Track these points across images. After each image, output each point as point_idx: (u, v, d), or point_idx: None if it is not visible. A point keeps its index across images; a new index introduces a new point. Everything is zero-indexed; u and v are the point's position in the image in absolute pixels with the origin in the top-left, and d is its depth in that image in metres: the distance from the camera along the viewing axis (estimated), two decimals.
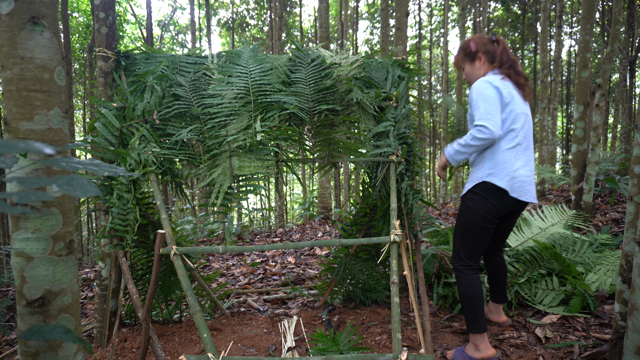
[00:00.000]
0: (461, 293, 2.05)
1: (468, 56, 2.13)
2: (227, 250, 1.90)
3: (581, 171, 4.49)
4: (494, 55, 2.08)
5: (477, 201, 2.00)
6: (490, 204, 1.98)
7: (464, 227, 2.06)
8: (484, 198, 1.98)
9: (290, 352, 2.17)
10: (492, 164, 1.99)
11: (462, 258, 2.07)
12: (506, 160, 1.97)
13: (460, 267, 2.07)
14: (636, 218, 1.64)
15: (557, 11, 10.33)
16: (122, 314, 2.60)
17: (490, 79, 1.99)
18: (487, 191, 1.98)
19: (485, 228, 2.01)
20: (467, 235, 2.04)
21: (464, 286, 2.04)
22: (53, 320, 1.01)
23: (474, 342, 2.03)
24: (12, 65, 0.98)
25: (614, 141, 14.31)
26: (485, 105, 1.92)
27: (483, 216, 1.99)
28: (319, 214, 8.20)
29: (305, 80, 2.46)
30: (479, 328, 2.02)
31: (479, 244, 2.05)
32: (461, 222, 2.07)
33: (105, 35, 2.34)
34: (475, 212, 2.00)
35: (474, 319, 2.02)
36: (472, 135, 1.94)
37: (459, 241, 2.09)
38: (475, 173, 2.05)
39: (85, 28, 12.41)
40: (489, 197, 1.98)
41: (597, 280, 2.70)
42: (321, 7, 7.97)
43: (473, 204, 2.01)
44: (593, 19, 4.37)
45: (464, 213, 2.05)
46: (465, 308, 2.04)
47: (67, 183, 0.66)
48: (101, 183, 2.23)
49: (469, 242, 2.05)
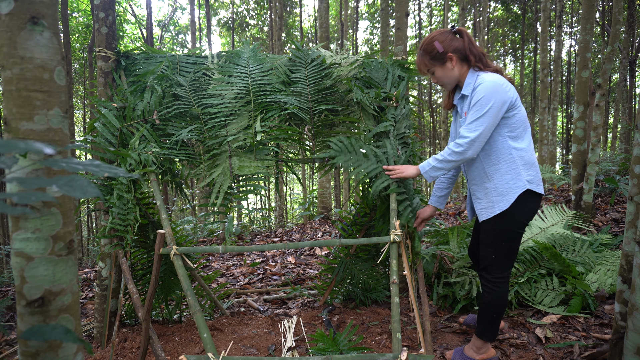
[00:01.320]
0: (491, 303, 1.94)
1: (436, 59, 1.92)
2: (227, 250, 1.90)
3: (581, 171, 4.49)
4: (464, 51, 1.89)
5: (518, 210, 1.85)
6: (531, 210, 1.87)
7: (499, 239, 1.90)
8: (525, 206, 1.85)
9: (290, 352, 2.17)
10: (527, 168, 1.85)
11: (497, 271, 1.93)
12: (535, 163, 1.88)
13: (495, 280, 1.94)
14: (636, 218, 1.64)
15: (557, 11, 10.33)
16: (122, 314, 2.60)
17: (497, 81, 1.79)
18: (528, 198, 1.85)
19: (521, 235, 1.91)
20: (503, 246, 1.91)
21: (498, 297, 1.93)
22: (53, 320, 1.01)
23: (477, 346, 2.00)
24: (12, 65, 0.98)
25: (614, 141, 14.31)
26: (482, 117, 1.78)
27: (523, 224, 1.88)
28: (319, 214, 8.20)
29: (305, 80, 2.46)
30: (490, 337, 1.98)
31: (514, 253, 1.94)
32: (495, 234, 1.91)
33: (105, 35, 2.34)
34: (514, 222, 1.86)
35: (493, 327, 1.96)
36: (452, 150, 1.85)
37: (494, 255, 1.93)
38: (507, 182, 1.85)
39: (85, 28, 12.41)
40: (530, 203, 1.86)
41: (597, 280, 2.70)
42: (321, 7, 7.97)
43: (512, 214, 1.85)
44: (593, 19, 4.37)
45: (500, 224, 1.88)
46: (487, 316, 1.95)
47: (67, 184, 0.66)
48: (101, 183, 2.23)
49: (505, 253, 1.91)
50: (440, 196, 2.24)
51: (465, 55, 1.90)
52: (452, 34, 1.92)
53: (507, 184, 1.85)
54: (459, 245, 3.06)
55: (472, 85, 1.88)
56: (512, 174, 1.85)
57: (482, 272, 2.00)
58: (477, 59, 1.90)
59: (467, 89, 1.90)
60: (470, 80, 1.91)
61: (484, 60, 1.91)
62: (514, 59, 18.26)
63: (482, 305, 1.97)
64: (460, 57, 1.91)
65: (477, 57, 1.90)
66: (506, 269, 1.94)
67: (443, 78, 1.96)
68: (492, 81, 1.79)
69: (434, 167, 1.93)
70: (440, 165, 1.91)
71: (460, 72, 1.93)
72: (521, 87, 15.10)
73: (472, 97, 1.85)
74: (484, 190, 1.93)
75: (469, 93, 1.89)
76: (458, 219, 5.80)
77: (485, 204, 1.93)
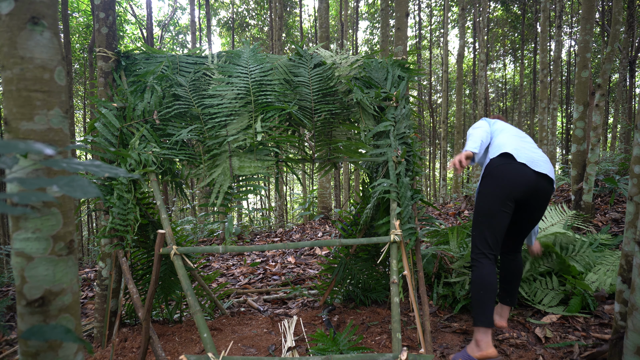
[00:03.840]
0: (473, 283, 2.01)
1: None
2: (227, 250, 1.90)
3: (581, 171, 4.49)
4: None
5: (489, 182, 2.03)
6: (499, 180, 2.00)
7: (476, 212, 2.06)
8: (495, 177, 2.01)
9: (290, 352, 2.17)
10: (491, 148, 2.15)
11: (476, 246, 2.04)
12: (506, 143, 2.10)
13: (476, 256, 2.04)
14: (636, 218, 1.64)
15: (557, 11, 10.33)
16: (122, 313, 2.60)
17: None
18: (497, 168, 2.02)
19: (498, 211, 1.99)
20: (479, 220, 2.04)
21: (477, 276, 1.99)
22: (53, 320, 1.01)
23: (476, 338, 1.98)
24: (12, 65, 0.98)
25: (613, 141, 14.31)
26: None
27: (493, 195, 2.00)
28: (319, 214, 8.20)
29: (307, 81, 2.46)
30: (485, 321, 1.94)
31: (493, 229, 2.01)
32: (475, 209, 2.09)
33: (105, 35, 2.34)
34: (488, 194, 2.02)
35: (482, 310, 1.95)
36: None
37: (473, 229, 2.08)
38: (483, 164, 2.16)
39: (85, 28, 12.42)
40: (497, 173, 2.01)
41: (597, 280, 2.70)
42: (321, 7, 7.97)
43: (484, 187, 2.04)
44: (593, 19, 4.37)
45: (477, 199, 2.07)
46: (474, 298, 1.98)
47: (67, 184, 0.66)
48: (101, 183, 2.23)
49: (481, 226, 2.03)
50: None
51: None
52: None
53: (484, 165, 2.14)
54: (459, 245, 3.06)
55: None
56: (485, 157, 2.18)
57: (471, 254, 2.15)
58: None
59: None
60: None
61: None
62: (514, 59, 18.26)
63: (470, 287, 2.10)
64: None
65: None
66: (483, 245, 2.02)
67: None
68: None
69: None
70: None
71: None
72: (521, 87, 15.10)
73: None
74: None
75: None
76: (458, 219, 5.80)
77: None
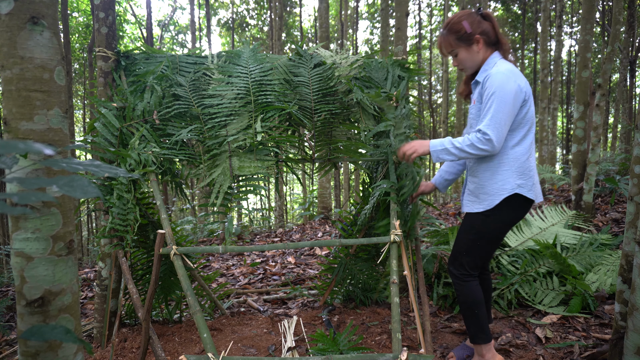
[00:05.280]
0: (463, 303, 1.89)
1: (462, 40, 1.81)
2: (227, 250, 1.89)
3: (581, 171, 4.49)
4: (491, 36, 1.82)
5: (503, 213, 1.79)
6: (517, 215, 1.80)
7: (476, 236, 1.85)
8: (511, 210, 1.79)
9: (290, 352, 2.17)
10: (519, 173, 1.77)
11: (465, 266, 1.88)
12: (531, 168, 1.79)
13: (462, 275, 1.89)
14: (636, 218, 1.64)
15: (557, 11, 10.33)
16: (122, 314, 2.60)
17: (513, 70, 1.75)
18: (516, 203, 1.78)
19: (501, 238, 1.86)
20: (479, 244, 1.85)
21: (467, 294, 1.87)
22: (53, 320, 1.01)
23: (480, 353, 1.91)
24: (12, 65, 0.98)
25: (614, 141, 14.30)
26: (500, 110, 1.68)
27: (506, 227, 1.83)
28: (319, 214, 8.20)
29: (307, 81, 2.46)
30: (484, 338, 1.88)
31: (489, 253, 1.89)
32: (473, 231, 1.86)
33: (105, 35, 2.34)
34: (497, 223, 1.81)
35: (479, 328, 1.87)
36: (472, 143, 1.72)
37: (465, 249, 1.88)
38: (496, 183, 1.79)
39: (85, 28, 12.41)
40: (517, 208, 1.79)
41: (597, 280, 2.70)
42: (321, 7, 7.96)
43: (495, 215, 1.80)
44: (593, 19, 4.37)
45: (481, 222, 1.83)
46: (469, 317, 1.89)
47: (67, 184, 0.66)
48: (101, 183, 2.23)
49: (480, 251, 1.86)
50: (447, 179, 2.16)
51: (491, 40, 1.83)
52: (479, 16, 1.84)
53: (495, 184, 1.79)
54: None
55: (487, 73, 1.78)
56: (503, 175, 1.77)
57: (450, 266, 1.94)
58: (501, 47, 1.85)
59: (482, 75, 1.82)
60: (487, 67, 1.83)
61: (507, 50, 1.87)
62: (514, 59, 18.25)
63: (460, 308, 1.93)
64: (486, 41, 1.83)
65: (502, 45, 1.85)
66: (474, 268, 1.88)
67: (466, 61, 1.86)
68: (507, 69, 1.72)
69: (446, 149, 1.79)
70: (454, 151, 1.77)
71: (483, 57, 1.85)
72: None
73: (484, 85, 1.77)
74: (473, 183, 1.88)
75: (481, 80, 1.80)
76: (458, 219, 5.80)
77: (471, 198, 1.89)
